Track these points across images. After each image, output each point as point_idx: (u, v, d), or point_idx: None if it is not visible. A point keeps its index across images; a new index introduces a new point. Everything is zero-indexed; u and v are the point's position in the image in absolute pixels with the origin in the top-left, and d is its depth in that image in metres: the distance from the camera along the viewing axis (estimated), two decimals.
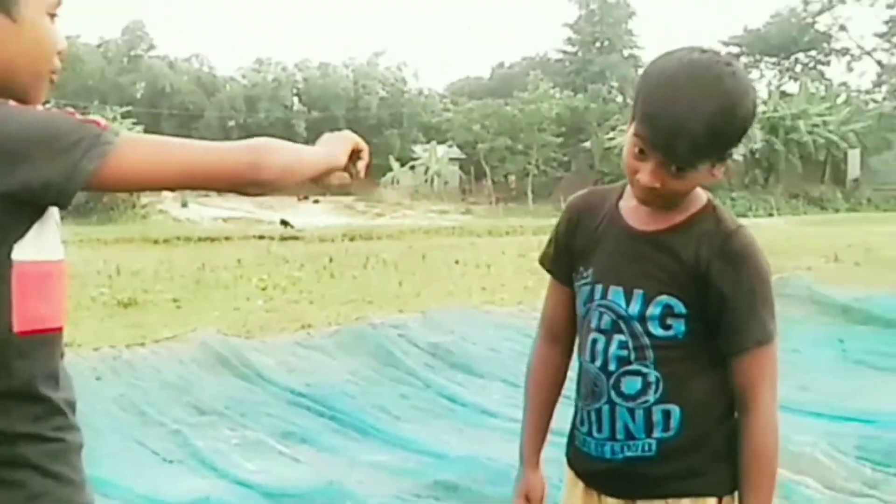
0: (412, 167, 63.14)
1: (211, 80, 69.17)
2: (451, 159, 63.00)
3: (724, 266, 1.92)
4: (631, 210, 2.05)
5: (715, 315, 1.95)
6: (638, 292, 1.98)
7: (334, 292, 13.23)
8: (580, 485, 2.13)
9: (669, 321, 1.96)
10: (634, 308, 1.98)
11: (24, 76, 1.48)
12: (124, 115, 56.92)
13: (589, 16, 68.13)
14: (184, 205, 52.45)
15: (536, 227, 29.74)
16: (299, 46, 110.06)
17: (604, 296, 2.03)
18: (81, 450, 1.50)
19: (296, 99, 68.40)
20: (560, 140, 57.12)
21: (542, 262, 2.25)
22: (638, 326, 1.98)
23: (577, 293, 2.12)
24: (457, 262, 18.61)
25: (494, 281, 14.18)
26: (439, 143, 62.87)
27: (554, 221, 2.27)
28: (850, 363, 7.87)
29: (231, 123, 66.79)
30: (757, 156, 53.32)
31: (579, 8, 68.80)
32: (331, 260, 19.14)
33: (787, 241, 21.56)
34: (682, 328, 1.96)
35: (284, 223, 38.92)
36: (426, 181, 62.65)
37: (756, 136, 52.08)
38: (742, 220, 2.03)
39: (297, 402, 6.71)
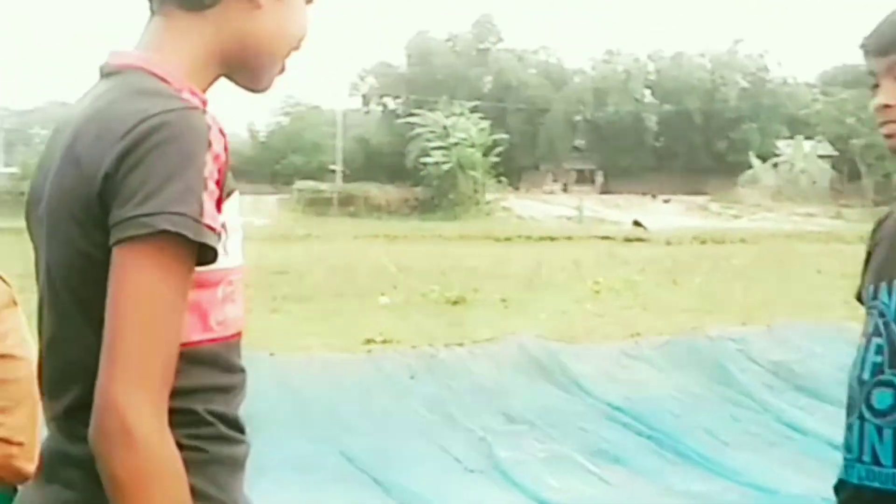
0: (775, 165, 60.61)
1: (559, 73, 70.25)
2: (821, 156, 59.78)
3: None
4: None
5: None
6: None
7: (672, 299, 12.90)
8: None
9: None
10: (892, 304, 1.79)
11: (260, 58, 1.42)
12: (472, 110, 59.13)
13: None
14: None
15: None
16: (651, 36, 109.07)
17: (875, 295, 1.86)
18: (237, 467, 1.40)
19: (647, 91, 67.80)
20: None
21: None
22: (894, 327, 1.77)
23: None
24: (819, 271, 17.60)
25: None
26: (806, 137, 59.85)
27: None
28: None
29: (578, 118, 67.51)
30: None
31: None
32: (674, 264, 18.74)
33: None
34: None
35: (637, 224, 38.70)
36: (791, 180, 59.87)
37: None
38: None
39: (615, 417, 6.50)
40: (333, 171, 65.66)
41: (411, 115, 61.92)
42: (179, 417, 1.28)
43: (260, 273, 17.72)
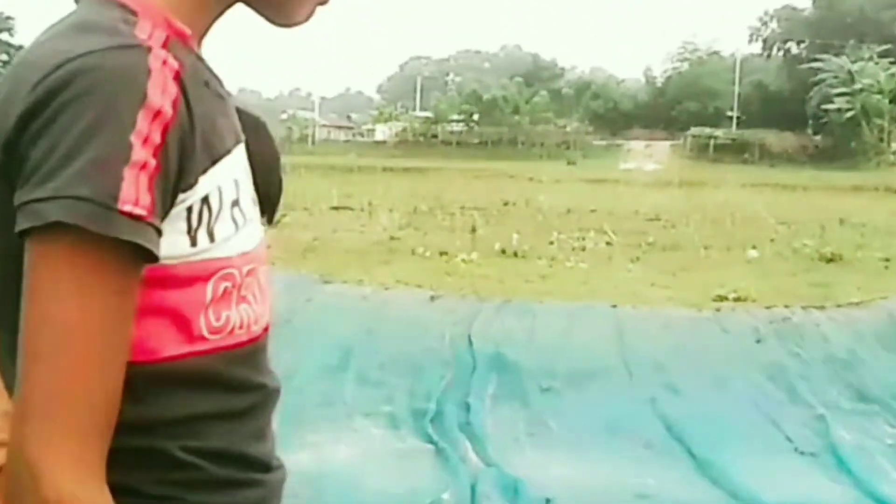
0: None
1: None
2: None
3: None
4: None
5: None
6: None
7: None
8: None
9: None
10: None
11: None
12: (881, 55, 54.39)
13: None
14: None
15: None
16: None
17: None
18: None
19: None
20: None
21: None
22: None
23: None
24: None
25: None
26: None
27: None
28: None
29: None
30: None
31: None
32: None
33: None
34: None
35: None
36: None
37: None
38: None
39: None
40: (729, 118, 63.29)
41: (814, 60, 58.05)
42: (141, 459, 0.92)
43: (634, 219, 17.22)
